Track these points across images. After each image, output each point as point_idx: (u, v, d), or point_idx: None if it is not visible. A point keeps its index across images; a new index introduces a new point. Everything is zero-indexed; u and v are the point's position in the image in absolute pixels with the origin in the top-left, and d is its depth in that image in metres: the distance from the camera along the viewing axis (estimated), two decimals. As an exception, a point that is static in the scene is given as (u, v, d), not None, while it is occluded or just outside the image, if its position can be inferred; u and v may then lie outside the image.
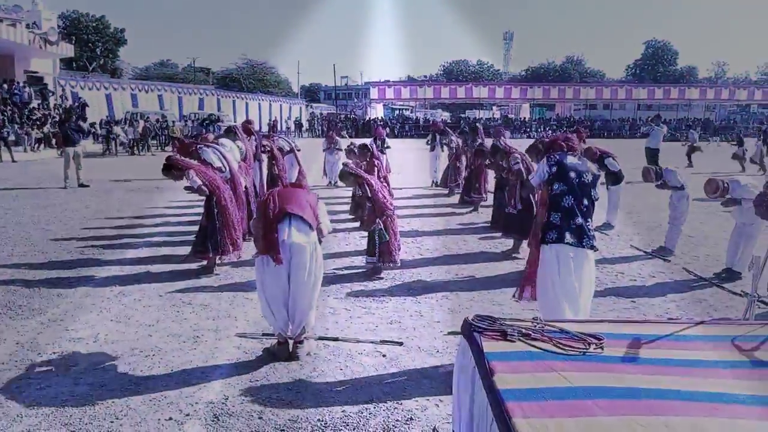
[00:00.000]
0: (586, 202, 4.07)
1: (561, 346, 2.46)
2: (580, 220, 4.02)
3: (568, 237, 4.00)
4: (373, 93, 54.45)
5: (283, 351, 4.34)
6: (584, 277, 4.07)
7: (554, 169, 4.10)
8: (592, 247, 4.10)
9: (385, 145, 13.76)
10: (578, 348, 2.45)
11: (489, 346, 2.43)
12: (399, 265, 6.65)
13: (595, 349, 2.44)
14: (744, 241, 6.47)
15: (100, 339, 4.70)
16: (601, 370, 2.27)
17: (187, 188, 6.39)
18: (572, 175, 4.07)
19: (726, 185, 6.38)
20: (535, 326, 2.66)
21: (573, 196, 4.04)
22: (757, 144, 19.79)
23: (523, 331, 2.57)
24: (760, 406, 2.06)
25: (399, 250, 6.68)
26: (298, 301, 4.25)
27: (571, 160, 4.13)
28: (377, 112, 59.61)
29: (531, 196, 7.00)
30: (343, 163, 7.20)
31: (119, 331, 4.88)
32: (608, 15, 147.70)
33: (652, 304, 5.69)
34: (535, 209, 6.50)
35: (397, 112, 65.38)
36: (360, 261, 7.00)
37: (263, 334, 4.70)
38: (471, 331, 2.59)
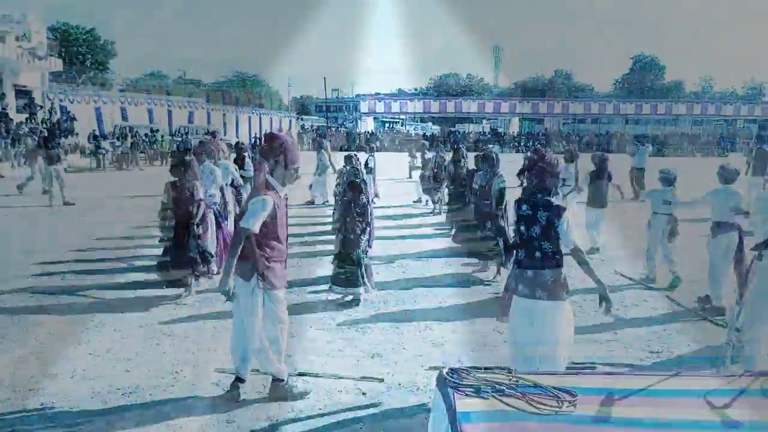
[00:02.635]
0: (538, 254, 3.81)
1: (534, 404, 2.46)
2: (530, 273, 3.82)
3: (521, 289, 3.85)
4: (364, 107, 54.77)
5: (233, 393, 4.24)
6: (546, 328, 3.76)
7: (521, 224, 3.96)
8: (552, 298, 3.77)
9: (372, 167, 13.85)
10: (551, 406, 2.44)
11: (462, 404, 2.42)
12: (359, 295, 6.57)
13: (567, 407, 2.44)
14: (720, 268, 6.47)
15: (77, 375, 4.63)
16: (572, 432, 2.27)
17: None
18: (522, 228, 3.90)
19: None
20: (509, 380, 2.65)
21: (524, 249, 3.90)
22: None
23: (497, 387, 2.56)
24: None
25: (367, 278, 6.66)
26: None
27: (526, 208, 3.92)
28: (368, 125, 59.82)
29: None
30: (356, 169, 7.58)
31: (97, 365, 4.81)
32: (596, 29, 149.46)
33: (636, 336, 5.68)
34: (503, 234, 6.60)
35: (387, 125, 65.67)
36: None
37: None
38: (445, 386, 2.59)
